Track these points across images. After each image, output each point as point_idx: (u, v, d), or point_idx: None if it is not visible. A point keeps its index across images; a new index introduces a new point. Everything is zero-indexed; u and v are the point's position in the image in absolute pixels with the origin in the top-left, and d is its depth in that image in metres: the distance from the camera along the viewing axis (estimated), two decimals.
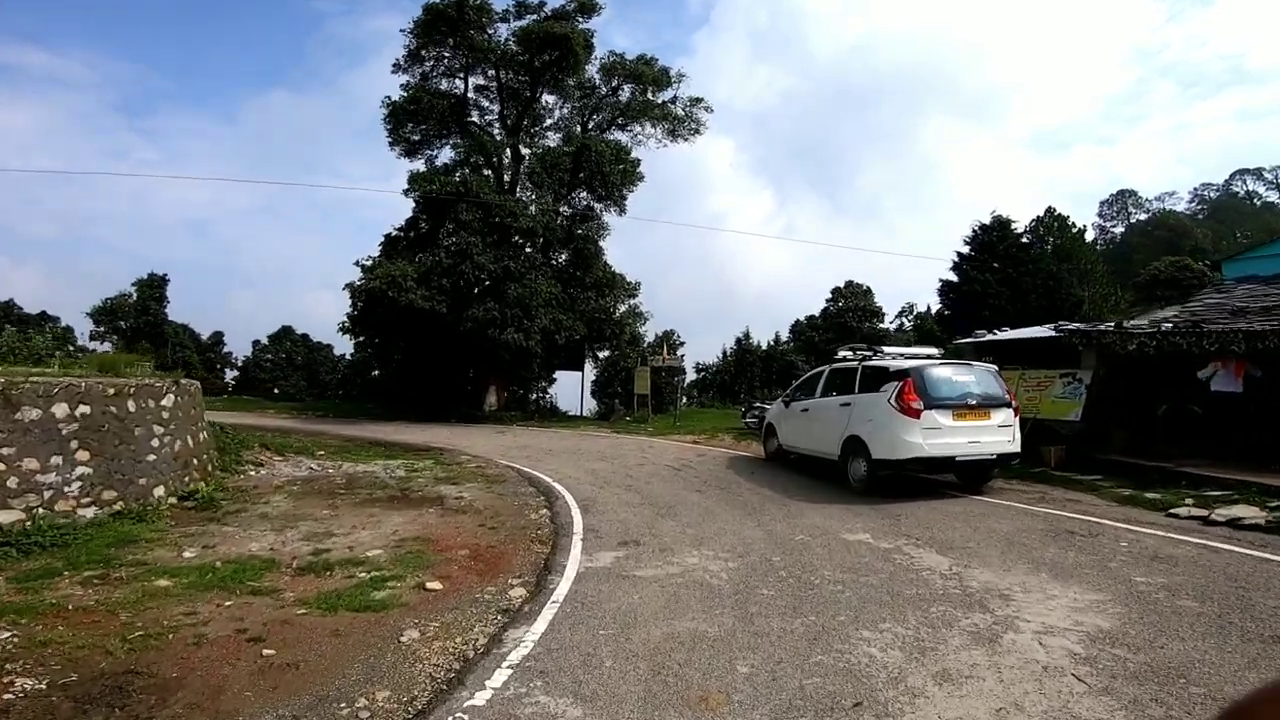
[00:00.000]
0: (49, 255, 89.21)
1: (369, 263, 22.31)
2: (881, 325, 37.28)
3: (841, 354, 10.88)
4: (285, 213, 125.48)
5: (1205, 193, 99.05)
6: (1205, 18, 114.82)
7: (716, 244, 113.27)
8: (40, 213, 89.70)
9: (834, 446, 9.57)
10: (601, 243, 25.83)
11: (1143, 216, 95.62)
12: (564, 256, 26.71)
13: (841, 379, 10.18)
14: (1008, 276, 32.57)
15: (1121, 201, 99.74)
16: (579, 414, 28.22)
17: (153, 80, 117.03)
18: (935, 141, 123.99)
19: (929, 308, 40.07)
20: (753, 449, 15.03)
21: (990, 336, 14.07)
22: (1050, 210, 44.04)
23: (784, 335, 41.71)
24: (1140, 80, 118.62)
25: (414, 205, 25.07)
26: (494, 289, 22.01)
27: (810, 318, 45.10)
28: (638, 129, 30.29)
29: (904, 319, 42.96)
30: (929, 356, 9.92)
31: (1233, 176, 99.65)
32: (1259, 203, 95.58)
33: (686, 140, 31.04)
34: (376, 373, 34.94)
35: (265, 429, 19.23)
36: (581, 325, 22.77)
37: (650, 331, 29.82)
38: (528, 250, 25.24)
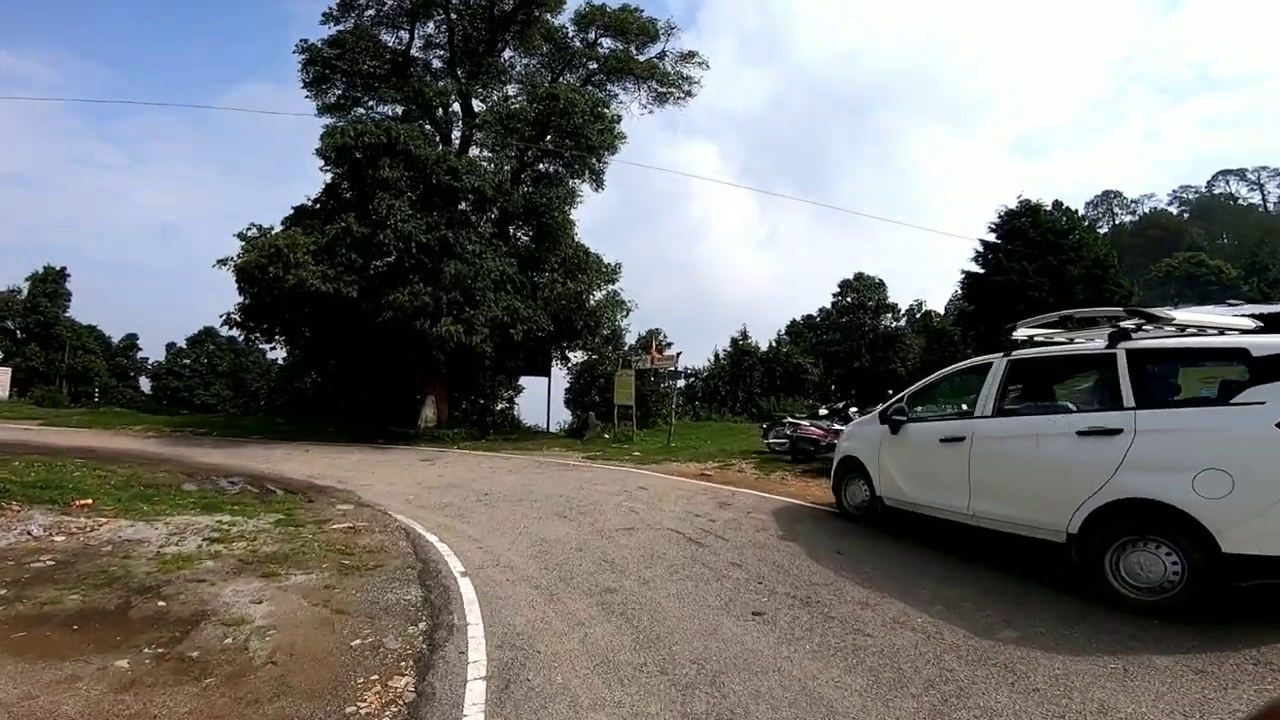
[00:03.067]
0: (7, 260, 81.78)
1: (254, 233, 16.69)
2: (898, 324, 32.41)
3: (1026, 333, 5.67)
4: (257, 218, 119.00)
5: (1184, 194, 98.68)
6: (1175, 22, 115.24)
7: (699, 251, 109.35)
8: None
9: (1053, 514, 4.42)
10: (572, 214, 20.56)
11: (1127, 218, 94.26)
12: (525, 235, 21.36)
13: (1051, 377, 5.07)
14: (1047, 265, 28.07)
15: (1107, 203, 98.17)
16: (547, 428, 22.79)
17: (117, 80, 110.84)
18: (919, 148, 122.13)
19: (944, 311, 35.66)
20: (795, 488, 9.89)
21: (1251, 309, 8.68)
22: (1058, 204, 40.14)
23: (772, 338, 36.94)
24: (1118, 86, 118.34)
25: (332, 169, 19.58)
26: (425, 268, 16.65)
27: (808, 317, 40.36)
28: (617, 90, 25.31)
29: (912, 317, 38.07)
30: (1226, 329, 4.76)
31: (1215, 177, 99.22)
32: (1242, 203, 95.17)
33: (677, 103, 26.01)
34: (317, 379, 29.10)
35: (96, 454, 13.62)
36: (545, 316, 17.43)
37: (633, 330, 24.59)
38: (481, 227, 19.83)
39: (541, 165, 22.15)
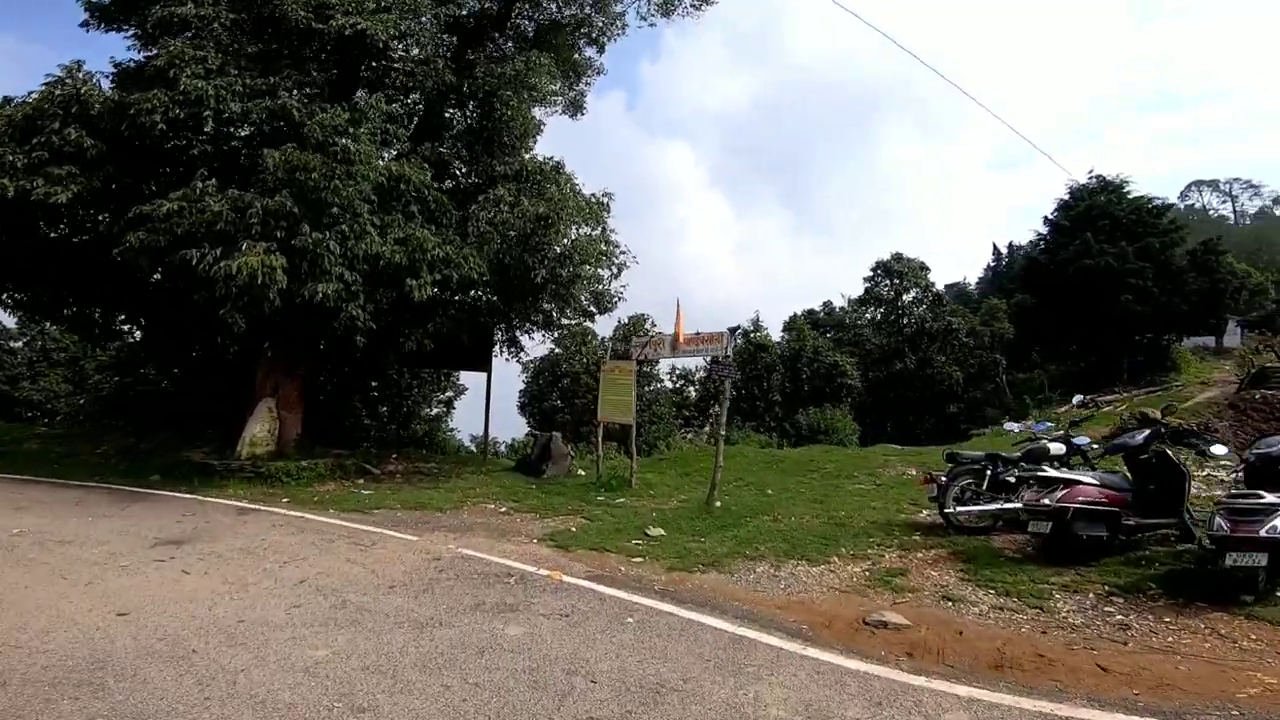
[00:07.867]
0: None
1: None
2: (953, 320, 25.45)
3: None
4: None
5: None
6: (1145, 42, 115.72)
7: (677, 253, 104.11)
8: None
9: None
10: (535, 111, 12.72)
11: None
12: (459, 145, 13.43)
13: None
14: (1149, 248, 21.72)
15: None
16: (484, 454, 14.76)
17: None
18: (898, 157, 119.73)
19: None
20: None
21: None
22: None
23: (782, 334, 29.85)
24: (1095, 99, 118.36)
25: (100, 24, 11.39)
26: (239, 162, 8.89)
27: (809, 311, 33.46)
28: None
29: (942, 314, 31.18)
30: None
31: (1188, 188, 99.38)
32: (1214, 214, 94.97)
33: (690, 13, 17.94)
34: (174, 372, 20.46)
35: None
36: (477, 259, 9.73)
37: (618, 313, 16.88)
38: (381, 121, 11.55)
39: (501, 42, 14.37)
